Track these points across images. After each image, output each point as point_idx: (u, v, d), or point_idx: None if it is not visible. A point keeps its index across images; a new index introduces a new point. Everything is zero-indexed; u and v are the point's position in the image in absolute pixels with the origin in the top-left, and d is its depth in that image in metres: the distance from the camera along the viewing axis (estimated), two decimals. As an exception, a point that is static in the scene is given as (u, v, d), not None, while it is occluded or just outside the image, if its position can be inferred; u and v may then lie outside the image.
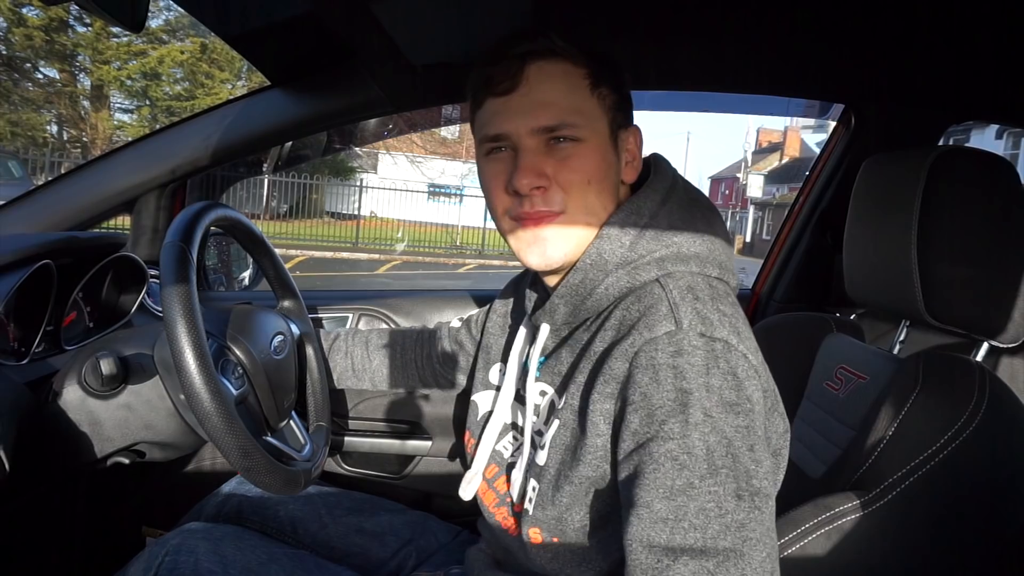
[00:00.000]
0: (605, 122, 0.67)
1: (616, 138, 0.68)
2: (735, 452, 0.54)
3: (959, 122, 1.30)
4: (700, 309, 0.60)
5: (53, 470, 0.84)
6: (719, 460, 0.53)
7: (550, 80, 0.65)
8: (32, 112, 13.23)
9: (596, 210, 0.66)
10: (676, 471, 0.53)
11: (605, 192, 0.67)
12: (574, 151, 0.64)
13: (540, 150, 0.65)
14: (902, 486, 0.60)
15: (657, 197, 0.68)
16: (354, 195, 14.16)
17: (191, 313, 0.68)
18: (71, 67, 13.46)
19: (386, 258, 11.42)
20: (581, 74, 0.66)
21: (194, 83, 13.87)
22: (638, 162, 0.71)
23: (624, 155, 0.69)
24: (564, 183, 0.64)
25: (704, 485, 0.53)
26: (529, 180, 0.64)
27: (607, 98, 0.67)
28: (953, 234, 0.74)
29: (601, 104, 0.67)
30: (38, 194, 1.12)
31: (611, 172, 0.68)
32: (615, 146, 0.68)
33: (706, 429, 0.54)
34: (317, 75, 1.08)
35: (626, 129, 0.70)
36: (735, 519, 0.52)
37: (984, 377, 0.64)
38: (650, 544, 0.52)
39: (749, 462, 0.54)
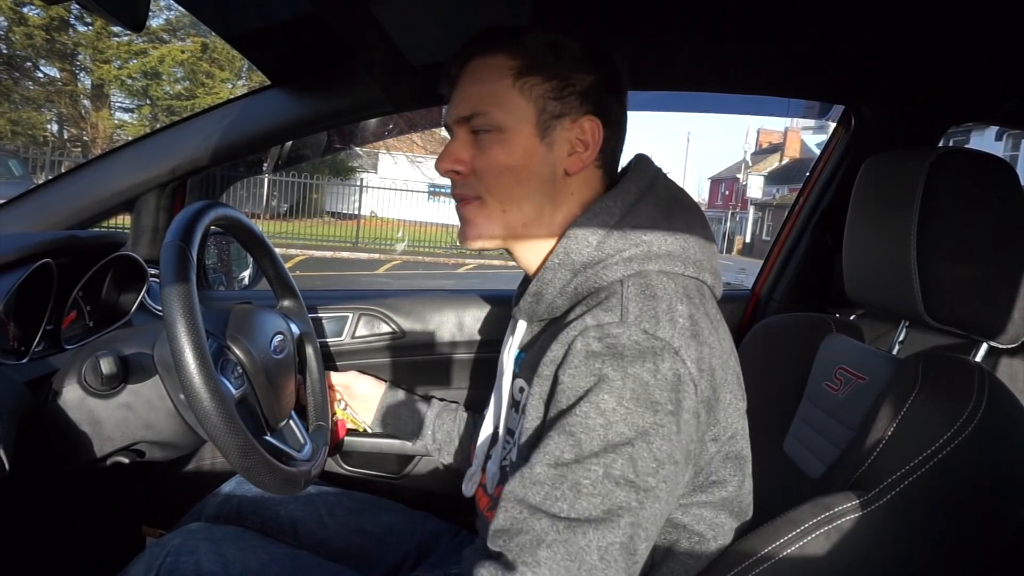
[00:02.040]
0: (532, 112, 0.67)
1: (549, 127, 0.67)
2: (635, 444, 0.54)
3: (959, 123, 1.30)
4: (652, 306, 0.60)
5: (53, 470, 0.84)
6: (614, 445, 0.54)
7: (477, 73, 0.69)
8: (33, 111, 13.23)
9: (517, 196, 0.68)
10: (568, 445, 0.55)
11: (531, 181, 0.68)
12: (492, 140, 0.68)
13: (466, 139, 0.69)
14: (901, 486, 0.60)
15: (630, 197, 0.68)
16: (354, 195, 14.16)
17: (191, 312, 0.68)
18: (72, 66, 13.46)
19: (386, 258, 11.41)
20: (509, 65, 0.67)
21: (194, 82, 13.88)
22: (591, 154, 0.68)
23: (564, 145, 0.68)
24: (479, 170, 0.68)
25: (588, 463, 0.54)
26: (443, 164, 0.70)
27: (535, 88, 0.67)
28: (953, 235, 0.74)
29: (525, 94, 0.67)
30: (38, 193, 1.12)
31: (538, 162, 0.68)
32: (544, 135, 0.67)
33: (613, 417, 0.55)
34: (317, 75, 1.08)
35: (573, 119, 0.68)
36: (609, 501, 0.53)
37: (983, 378, 0.64)
38: (523, 500, 0.55)
39: (648, 459, 0.55)
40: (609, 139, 0.70)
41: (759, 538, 0.63)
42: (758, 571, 0.61)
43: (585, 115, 0.68)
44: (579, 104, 0.68)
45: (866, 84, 1.17)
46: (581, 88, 0.67)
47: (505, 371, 0.75)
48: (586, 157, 0.68)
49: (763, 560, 0.61)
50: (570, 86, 0.67)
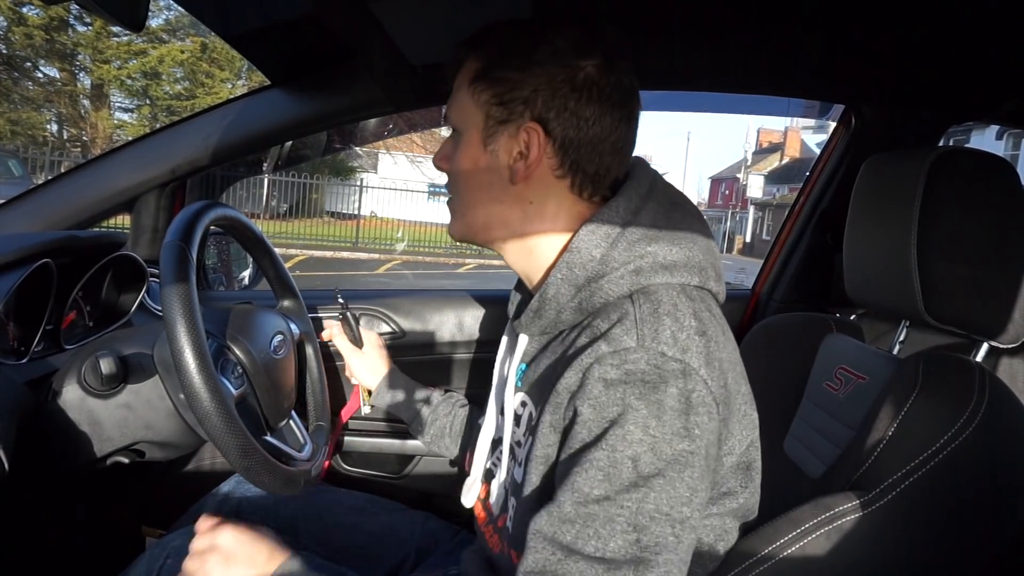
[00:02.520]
0: (480, 117, 0.66)
1: (493, 133, 0.66)
2: (666, 475, 0.53)
3: (959, 122, 1.30)
4: (668, 327, 0.58)
5: (53, 470, 0.84)
6: (645, 478, 0.53)
7: (458, 75, 0.70)
8: (32, 111, 13.23)
9: (470, 199, 0.70)
10: (597, 480, 0.54)
11: (479, 187, 0.68)
12: (456, 142, 0.70)
13: (450, 139, 0.72)
14: (902, 486, 0.60)
15: (631, 205, 0.65)
16: (354, 195, 14.16)
17: (191, 313, 0.68)
18: (71, 66, 13.46)
19: (386, 258, 11.41)
20: (472, 68, 0.67)
21: (194, 82, 13.87)
22: (535, 161, 0.65)
23: (506, 153, 0.66)
24: (449, 170, 0.72)
25: (620, 499, 0.53)
26: (435, 160, 0.74)
27: (484, 92, 0.66)
28: (953, 234, 0.74)
29: (475, 99, 0.67)
30: (38, 193, 1.12)
31: (480, 167, 0.67)
32: (487, 142, 0.66)
33: (641, 448, 0.53)
34: (317, 75, 1.08)
35: (517, 125, 0.65)
36: (645, 538, 0.52)
37: (984, 377, 0.64)
38: (553, 539, 0.54)
39: (682, 488, 0.53)
40: (571, 144, 0.65)
41: (759, 538, 0.63)
42: (758, 571, 0.61)
43: (529, 122, 0.65)
44: (522, 111, 0.65)
45: (866, 83, 1.17)
46: (527, 92, 0.64)
47: (507, 382, 0.73)
48: (530, 164, 0.65)
49: (763, 560, 0.61)
50: (515, 91, 0.64)
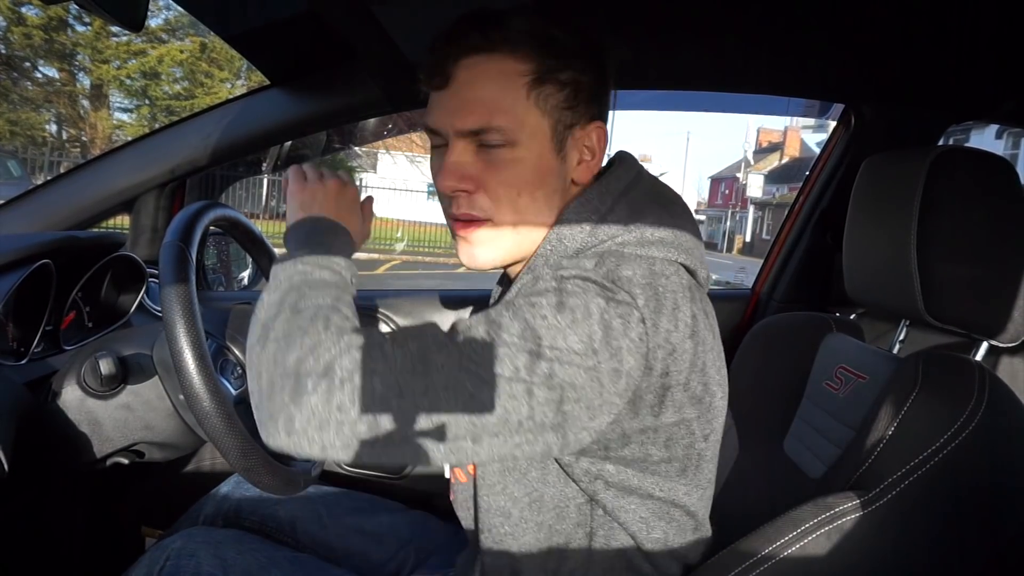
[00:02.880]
0: (547, 124, 0.61)
1: (564, 139, 0.62)
2: (558, 362, 0.51)
3: (959, 122, 1.30)
4: (630, 269, 0.56)
5: (52, 470, 0.84)
6: (543, 347, 0.51)
7: (481, 79, 0.60)
8: (31, 111, 13.21)
9: (530, 216, 0.63)
10: (510, 322, 0.52)
11: (542, 198, 0.63)
12: (505, 156, 0.61)
13: (469, 151, 0.61)
14: (902, 485, 0.60)
15: (619, 186, 0.64)
16: (354, 195, 14.13)
17: (190, 313, 0.68)
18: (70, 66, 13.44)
19: (386, 258, 11.41)
20: (520, 71, 0.60)
21: (193, 82, 13.85)
22: (597, 161, 0.65)
23: (575, 154, 0.64)
24: (491, 190, 0.61)
25: (504, 351, 0.51)
26: (451, 183, 0.62)
27: (552, 97, 0.61)
28: (953, 234, 0.74)
29: (542, 105, 0.60)
30: (37, 193, 1.12)
31: (552, 177, 0.63)
32: (560, 148, 0.62)
33: (561, 324, 0.51)
34: (316, 75, 1.08)
35: (582, 127, 0.63)
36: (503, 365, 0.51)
37: (984, 377, 0.64)
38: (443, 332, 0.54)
39: (561, 375, 0.51)
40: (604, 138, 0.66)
41: (759, 538, 0.63)
42: (758, 571, 0.61)
43: (592, 121, 0.64)
44: (586, 110, 0.63)
45: (866, 83, 1.17)
46: (588, 93, 0.62)
47: None
48: (594, 165, 0.65)
49: (763, 560, 0.61)
50: (581, 92, 0.62)
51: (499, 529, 0.66)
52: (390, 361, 0.50)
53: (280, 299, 0.55)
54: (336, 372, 0.49)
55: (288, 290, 0.56)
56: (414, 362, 0.51)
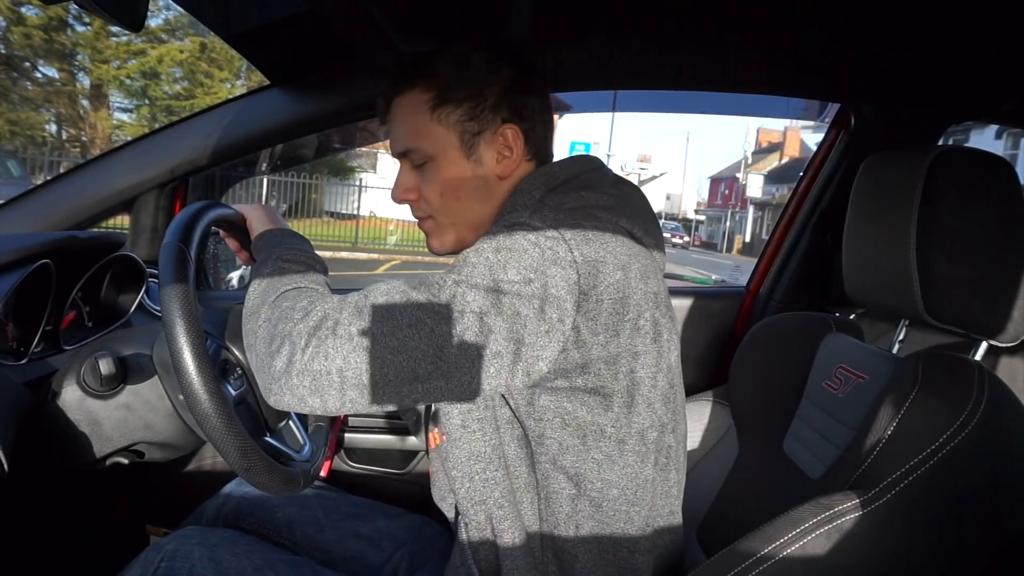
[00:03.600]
0: (454, 136, 0.74)
1: (473, 145, 0.74)
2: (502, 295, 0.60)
3: (959, 122, 1.30)
4: (560, 214, 0.66)
5: (52, 470, 0.84)
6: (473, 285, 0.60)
7: (400, 112, 0.76)
8: (31, 111, 13.20)
9: (460, 211, 0.77)
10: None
11: (468, 195, 0.76)
12: (429, 168, 0.76)
13: (410, 170, 0.78)
14: (901, 485, 0.60)
15: (574, 169, 0.75)
16: (353, 195, 14.14)
17: (190, 313, 0.67)
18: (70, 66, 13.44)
19: (385, 258, 11.41)
20: (423, 99, 0.74)
21: (193, 82, 13.85)
22: (516, 157, 0.75)
23: (490, 155, 0.75)
24: (426, 195, 0.77)
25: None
26: (397, 195, 0.80)
27: (452, 114, 0.74)
28: (952, 234, 0.74)
29: (444, 121, 0.74)
30: (37, 193, 1.12)
31: (470, 178, 0.75)
32: (470, 153, 0.75)
33: (481, 259, 0.61)
34: (316, 74, 1.08)
35: (492, 131, 0.75)
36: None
37: (983, 376, 0.64)
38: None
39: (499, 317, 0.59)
40: (532, 132, 0.76)
41: (759, 538, 0.63)
42: (758, 571, 0.61)
43: (503, 124, 0.75)
44: (493, 116, 0.74)
45: (866, 83, 1.17)
46: (492, 101, 0.74)
47: None
48: (514, 160, 0.76)
49: (763, 560, 0.61)
50: (481, 103, 0.74)
51: (470, 492, 0.71)
52: (362, 313, 0.60)
53: (264, 288, 0.69)
54: (317, 331, 0.60)
55: (269, 281, 0.70)
56: (382, 309, 0.60)
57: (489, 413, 0.71)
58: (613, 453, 0.67)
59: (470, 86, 0.74)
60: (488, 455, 0.71)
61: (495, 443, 0.71)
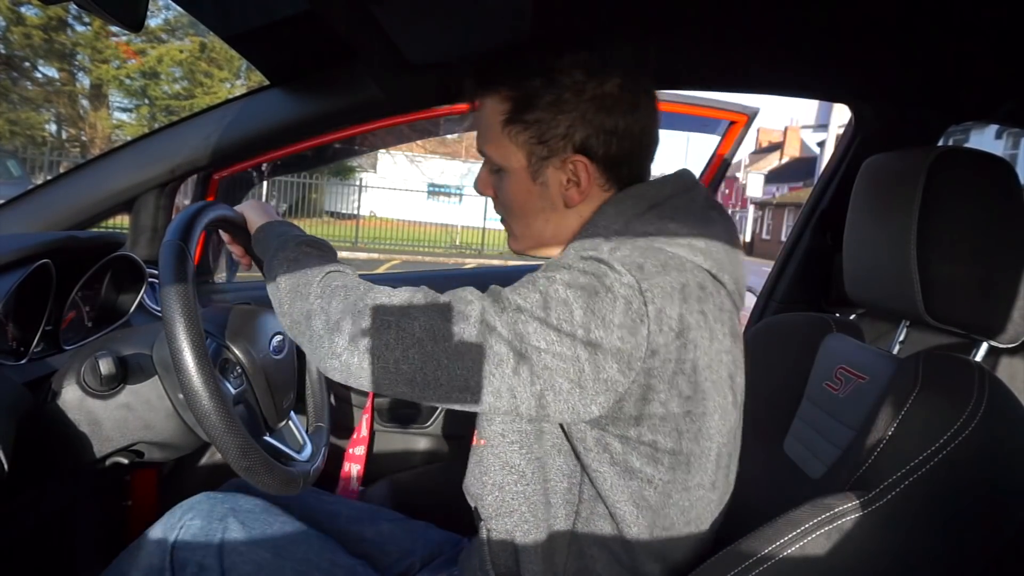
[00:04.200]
0: (522, 155, 0.70)
1: (539, 169, 0.70)
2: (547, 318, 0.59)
3: (959, 122, 1.30)
4: (627, 249, 0.63)
5: (52, 470, 0.84)
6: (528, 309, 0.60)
7: (480, 112, 0.73)
8: (31, 111, 13.21)
9: (525, 225, 0.74)
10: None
11: (532, 214, 0.73)
12: (501, 177, 0.73)
13: (488, 169, 0.76)
14: (902, 486, 0.60)
15: (665, 191, 0.70)
16: (353, 194, 14.15)
17: (190, 313, 0.68)
18: (70, 66, 13.44)
19: (385, 258, 11.41)
20: (500, 110, 0.70)
21: (193, 82, 13.85)
22: (586, 187, 0.70)
23: (556, 182, 0.71)
24: (497, 200, 0.76)
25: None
26: (477, 187, 0.77)
27: (520, 134, 0.69)
28: (952, 234, 0.74)
29: (514, 140, 0.70)
30: (37, 193, 1.11)
31: (535, 199, 0.72)
32: (536, 176, 0.71)
33: (558, 295, 0.60)
34: (316, 75, 1.08)
35: (562, 159, 0.69)
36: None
37: (983, 377, 0.64)
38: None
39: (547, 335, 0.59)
40: (610, 160, 0.70)
41: (759, 538, 0.63)
42: (758, 571, 0.61)
43: (573, 154, 0.69)
44: (564, 144, 0.69)
45: (866, 83, 1.17)
46: (564, 129, 0.68)
47: None
48: (583, 190, 0.71)
49: (763, 560, 0.61)
50: (553, 129, 0.69)
51: (497, 501, 0.71)
52: (429, 312, 0.61)
53: (290, 270, 0.70)
54: (382, 318, 0.62)
55: (294, 264, 0.70)
56: (450, 313, 0.61)
57: (532, 427, 0.69)
58: (656, 503, 0.66)
59: (547, 108, 0.68)
60: (522, 468, 0.69)
61: (531, 457, 0.69)
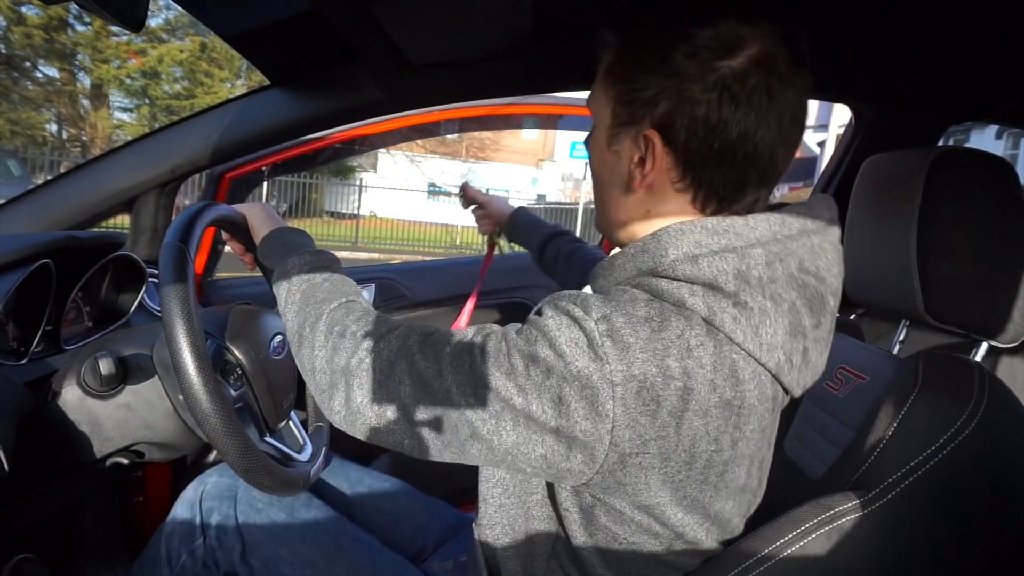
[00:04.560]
0: (608, 113, 0.60)
1: (616, 135, 0.60)
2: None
3: (959, 122, 1.30)
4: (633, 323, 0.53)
5: (53, 471, 0.84)
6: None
7: (602, 59, 0.62)
8: (31, 111, 13.20)
9: (601, 201, 0.65)
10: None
11: (603, 187, 0.63)
12: (591, 138, 0.65)
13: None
14: (902, 486, 0.60)
15: (753, 235, 0.55)
16: (353, 194, 14.15)
17: (190, 313, 0.68)
18: (70, 66, 13.44)
19: (385, 258, 11.40)
20: (608, 57, 0.60)
21: (193, 82, 13.85)
22: (654, 172, 0.58)
23: (627, 155, 0.59)
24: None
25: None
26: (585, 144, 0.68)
27: (611, 88, 0.59)
28: (953, 234, 0.74)
29: (605, 93, 0.60)
30: (37, 193, 1.12)
31: (608, 172, 0.62)
32: (611, 143, 0.60)
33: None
34: (316, 75, 1.08)
35: (638, 129, 0.58)
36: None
37: (984, 377, 0.64)
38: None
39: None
40: (692, 157, 0.56)
41: (759, 538, 0.63)
42: (758, 571, 0.61)
43: (648, 128, 0.57)
44: (645, 111, 0.57)
45: (866, 83, 1.17)
46: (652, 93, 0.56)
47: None
48: (647, 175, 0.59)
49: (763, 560, 0.61)
50: (638, 91, 0.57)
51: (486, 512, 0.70)
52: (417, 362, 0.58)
53: (299, 310, 0.68)
54: (361, 373, 0.59)
55: (303, 304, 0.68)
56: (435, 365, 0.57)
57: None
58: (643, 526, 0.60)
59: (643, 65, 0.57)
60: (506, 481, 0.67)
61: (520, 477, 0.66)
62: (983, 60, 0.98)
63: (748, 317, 0.53)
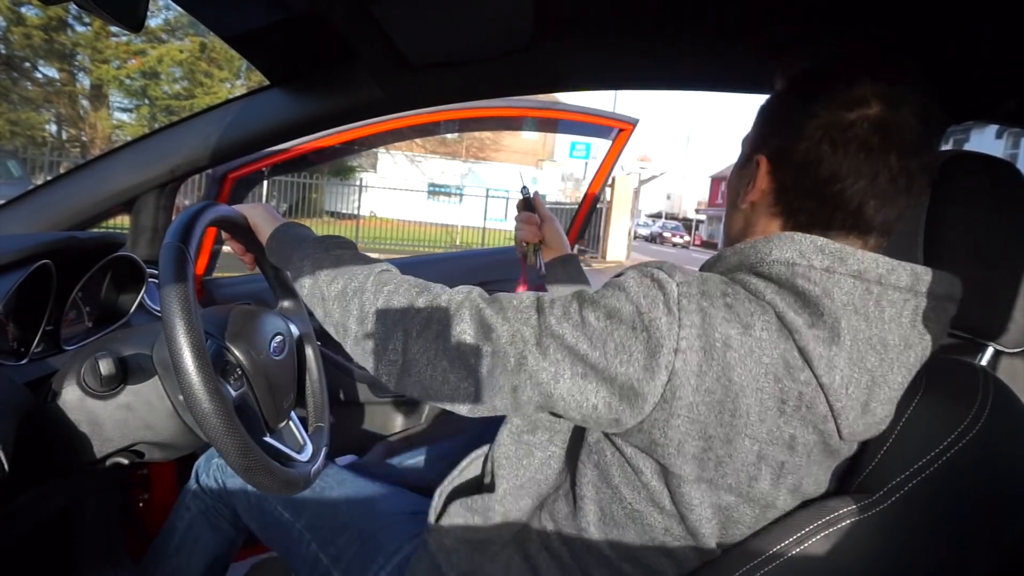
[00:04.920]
0: (752, 136, 0.68)
1: (747, 158, 0.68)
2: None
3: (959, 122, 1.30)
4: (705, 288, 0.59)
5: (53, 471, 0.84)
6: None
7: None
8: (31, 111, 13.21)
9: (726, 221, 0.72)
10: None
11: (731, 207, 0.70)
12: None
13: None
14: (904, 489, 0.60)
15: (828, 258, 0.59)
16: (354, 194, 14.15)
17: (189, 313, 0.67)
18: (70, 66, 13.45)
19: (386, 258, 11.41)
20: (772, 99, 0.68)
21: (193, 82, 13.86)
22: (754, 192, 0.65)
23: (747, 175, 0.67)
24: None
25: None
26: None
27: (762, 114, 0.68)
28: (959, 239, 0.74)
29: (759, 120, 0.68)
30: (37, 194, 1.11)
31: (734, 186, 0.69)
32: (741, 164, 0.69)
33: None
34: (316, 75, 1.08)
35: (760, 154, 0.65)
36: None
37: (988, 380, 0.64)
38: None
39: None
40: (786, 186, 0.63)
41: (760, 540, 0.63)
42: (760, 574, 0.61)
43: (762, 152, 0.65)
44: (769, 140, 0.65)
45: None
46: (775, 128, 0.65)
47: None
48: (749, 193, 0.66)
49: (764, 563, 0.61)
50: (769, 122, 0.67)
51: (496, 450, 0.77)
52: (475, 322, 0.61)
53: (335, 275, 0.70)
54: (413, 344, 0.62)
55: (337, 270, 0.71)
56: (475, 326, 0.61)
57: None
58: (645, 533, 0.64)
59: (783, 100, 0.66)
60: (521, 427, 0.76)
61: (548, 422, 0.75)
62: (983, 60, 0.98)
63: (819, 327, 0.56)
